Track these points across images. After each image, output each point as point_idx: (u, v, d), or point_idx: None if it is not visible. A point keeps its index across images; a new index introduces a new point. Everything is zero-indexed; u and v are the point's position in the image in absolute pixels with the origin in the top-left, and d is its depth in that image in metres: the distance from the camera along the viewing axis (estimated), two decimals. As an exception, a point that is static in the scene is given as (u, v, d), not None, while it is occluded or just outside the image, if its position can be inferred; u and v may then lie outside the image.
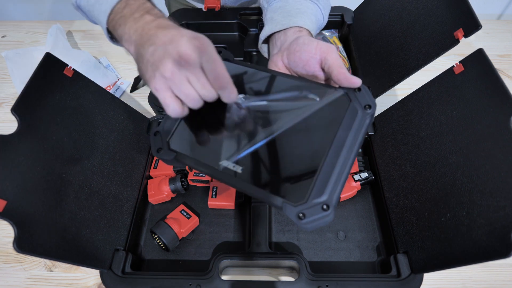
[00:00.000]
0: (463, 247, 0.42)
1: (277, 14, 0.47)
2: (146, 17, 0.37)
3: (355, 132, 0.34)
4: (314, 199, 0.31)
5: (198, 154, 0.38)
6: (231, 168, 0.36)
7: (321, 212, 0.31)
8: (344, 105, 0.36)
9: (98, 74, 0.78)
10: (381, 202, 0.57)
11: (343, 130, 0.34)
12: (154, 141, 0.40)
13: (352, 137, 0.34)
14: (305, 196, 0.32)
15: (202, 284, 0.47)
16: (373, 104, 0.36)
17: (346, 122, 0.35)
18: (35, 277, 0.54)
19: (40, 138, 0.44)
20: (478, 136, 0.44)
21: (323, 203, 0.31)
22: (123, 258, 0.50)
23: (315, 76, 0.40)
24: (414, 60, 0.57)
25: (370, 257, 0.54)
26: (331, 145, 0.34)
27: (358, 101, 0.36)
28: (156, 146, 0.40)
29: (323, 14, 0.49)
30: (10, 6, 1.66)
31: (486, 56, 0.45)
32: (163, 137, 0.40)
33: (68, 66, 0.51)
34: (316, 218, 0.31)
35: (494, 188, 0.40)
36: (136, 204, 0.56)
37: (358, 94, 0.37)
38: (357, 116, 0.35)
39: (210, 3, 0.80)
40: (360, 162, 0.65)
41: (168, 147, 0.39)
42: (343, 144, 0.34)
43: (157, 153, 0.39)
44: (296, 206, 0.31)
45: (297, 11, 0.46)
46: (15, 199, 0.39)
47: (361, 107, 0.36)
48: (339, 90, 0.38)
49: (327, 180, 0.32)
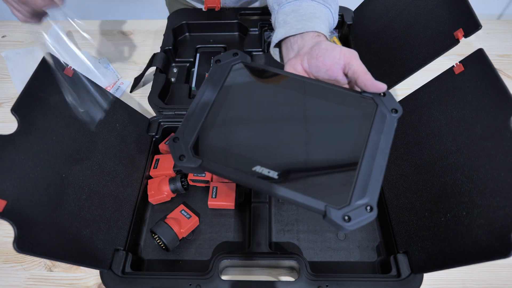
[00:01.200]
0: (463, 247, 0.42)
1: (290, 17, 0.46)
2: None
3: (386, 135, 0.36)
4: (357, 201, 0.32)
5: (226, 160, 0.36)
6: (266, 174, 0.34)
7: (366, 214, 0.31)
8: (371, 109, 0.37)
9: (98, 74, 0.78)
10: (381, 202, 0.57)
11: (375, 134, 0.35)
12: (174, 148, 0.36)
13: (383, 140, 0.35)
14: (347, 198, 0.32)
15: (202, 284, 0.47)
16: (399, 108, 0.37)
17: (376, 125, 0.36)
18: (35, 277, 0.54)
19: (40, 138, 0.44)
20: (478, 136, 0.44)
21: (367, 205, 0.32)
22: (123, 258, 0.50)
23: (337, 81, 0.41)
24: (414, 60, 0.57)
25: (370, 257, 0.54)
26: (365, 148, 0.35)
27: (384, 105, 0.37)
28: (177, 154, 0.36)
29: (334, 18, 0.49)
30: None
31: (486, 56, 0.45)
32: (185, 142, 0.36)
33: (68, 66, 0.51)
34: (361, 219, 0.31)
35: (494, 188, 0.40)
36: (136, 204, 0.56)
37: (383, 99, 0.38)
38: (386, 120, 0.36)
39: (210, 3, 0.80)
40: (360, 162, 0.64)
41: (192, 153, 0.36)
42: (377, 147, 0.35)
43: (179, 160, 0.35)
44: (340, 209, 0.31)
45: (312, 15, 0.46)
46: (15, 199, 0.39)
47: (388, 111, 0.37)
48: (365, 95, 0.38)
49: (367, 182, 0.33)
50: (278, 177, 0.34)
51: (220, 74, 0.41)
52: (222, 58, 0.42)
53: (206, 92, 0.39)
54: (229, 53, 0.42)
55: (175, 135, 0.37)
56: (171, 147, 0.36)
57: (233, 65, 0.41)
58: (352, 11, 0.78)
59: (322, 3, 0.48)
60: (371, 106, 0.38)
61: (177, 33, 0.80)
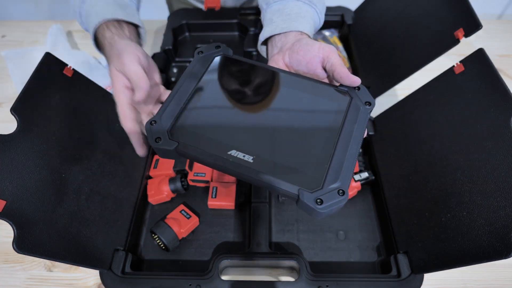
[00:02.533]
0: (463, 247, 0.42)
1: (276, 16, 0.48)
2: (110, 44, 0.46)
3: (359, 125, 0.37)
4: (329, 185, 0.33)
5: (202, 145, 0.36)
6: (241, 158, 0.35)
7: (338, 197, 0.32)
8: (346, 101, 0.39)
9: (98, 74, 0.78)
10: (381, 202, 0.57)
11: (349, 123, 0.37)
12: (151, 130, 0.37)
13: (357, 130, 0.37)
14: (320, 182, 0.33)
15: (202, 284, 0.47)
16: (372, 101, 0.39)
17: (350, 116, 0.38)
18: (35, 277, 0.54)
19: (40, 138, 0.44)
20: (478, 136, 0.44)
21: (339, 188, 0.33)
22: (123, 258, 0.50)
23: (316, 74, 0.43)
24: (414, 60, 0.57)
25: (370, 257, 0.54)
26: (339, 136, 0.36)
27: (359, 98, 0.39)
28: (154, 136, 0.36)
29: (320, 18, 0.51)
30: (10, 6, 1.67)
31: (486, 56, 0.45)
32: (162, 126, 0.37)
33: (68, 66, 0.50)
34: (332, 203, 0.32)
35: (494, 188, 0.40)
36: (136, 204, 0.56)
37: (358, 93, 0.40)
38: (360, 111, 0.38)
39: (210, 3, 0.80)
40: (360, 162, 0.64)
41: (168, 136, 0.36)
42: (351, 136, 0.36)
43: (155, 143, 0.36)
44: (313, 192, 0.32)
45: (297, 15, 0.48)
46: (15, 199, 0.39)
47: (362, 103, 0.39)
48: (341, 89, 0.41)
49: (340, 167, 0.34)
50: (253, 161, 0.34)
51: (201, 64, 0.42)
52: (204, 49, 0.43)
53: (187, 81, 0.41)
54: (212, 45, 0.43)
55: (152, 118, 0.37)
56: (148, 129, 0.37)
57: (215, 57, 0.43)
58: (352, 11, 0.78)
59: (308, 3, 0.49)
60: (346, 98, 0.40)
61: (177, 33, 0.80)
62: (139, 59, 0.41)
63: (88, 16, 0.49)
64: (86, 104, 0.53)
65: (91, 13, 0.49)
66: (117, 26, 0.48)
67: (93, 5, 0.49)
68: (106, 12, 0.48)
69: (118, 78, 0.41)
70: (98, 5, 0.49)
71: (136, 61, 0.41)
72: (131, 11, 0.51)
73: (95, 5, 0.49)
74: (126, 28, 0.49)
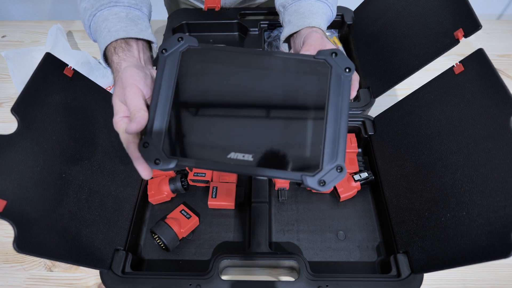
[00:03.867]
0: (463, 247, 0.42)
1: (293, 17, 0.53)
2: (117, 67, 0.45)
3: (343, 96, 0.37)
4: (327, 164, 0.35)
5: (200, 154, 0.36)
6: (241, 159, 0.36)
7: (337, 174, 0.35)
8: (326, 71, 0.38)
9: (98, 75, 0.78)
10: (381, 202, 0.57)
11: (334, 97, 0.37)
12: (146, 153, 0.36)
13: (342, 102, 0.37)
14: (319, 164, 0.35)
15: (202, 284, 0.47)
16: (352, 66, 0.38)
17: (333, 88, 0.38)
18: (35, 277, 0.54)
19: (40, 138, 0.44)
20: (478, 136, 0.44)
21: (337, 166, 0.35)
22: (123, 258, 0.50)
23: None
24: (414, 60, 0.57)
25: (370, 257, 0.54)
26: (327, 114, 0.37)
27: (338, 65, 0.38)
28: (152, 158, 0.36)
29: (332, 10, 0.56)
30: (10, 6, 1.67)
31: (486, 56, 0.45)
32: (155, 145, 0.36)
33: (68, 66, 0.50)
34: (333, 180, 0.35)
35: (494, 188, 0.40)
36: (136, 204, 0.56)
37: (336, 59, 0.38)
38: (342, 81, 0.38)
39: (210, 3, 0.80)
40: (360, 162, 0.65)
41: (166, 155, 0.36)
42: (337, 110, 0.37)
43: (155, 165, 0.36)
44: (315, 175, 0.35)
45: (309, 12, 0.52)
46: (15, 199, 0.39)
47: (342, 70, 0.38)
48: (318, 58, 0.39)
49: (334, 145, 0.36)
50: (253, 159, 0.36)
51: (170, 64, 0.39)
52: (167, 46, 0.40)
53: (162, 87, 0.38)
54: (173, 38, 0.40)
55: (143, 139, 0.37)
56: (143, 153, 0.36)
57: (181, 51, 0.40)
58: (352, 11, 0.78)
59: (319, 0, 0.53)
60: (326, 68, 0.38)
61: (177, 33, 0.80)
62: (141, 92, 0.41)
63: (98, 30, 0.47)
64: (86, 104, 0.53)
65: (102, 28, 0.47)
66: (125, 48, 0.46)
67: (104, 19, 0.47)
68: (118, 28, 0.46)
69: (120, 108, 0.42)
70: (109, 20, 0.47)
71: (139, 94, 0.41)
72: (143, 25, 0.49)
73: (106, 19, 0.47)
74: (135, 45, 0.47)
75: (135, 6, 0.49)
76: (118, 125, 0.41)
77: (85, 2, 0.48)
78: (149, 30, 0.49)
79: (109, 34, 0.46)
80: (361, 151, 0.66)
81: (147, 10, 0.52)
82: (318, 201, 0.60)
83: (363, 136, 0.64)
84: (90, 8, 0.48)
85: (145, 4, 0.51)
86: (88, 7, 0.48)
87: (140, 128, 0.38)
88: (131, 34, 0.46)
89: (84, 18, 0.49)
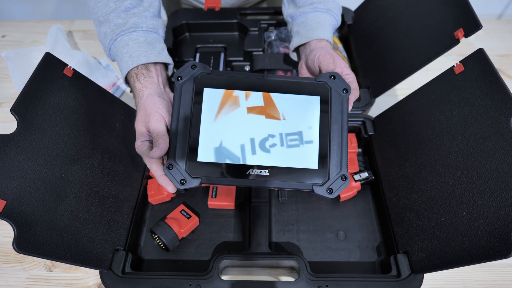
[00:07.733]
0: (463, 247, 0.42)
1: (301, 28, 0.56)
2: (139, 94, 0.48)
3: (343, 113, 0.43)
4: (333, 174, 0.42)
5: (222, 172, 0.41)
6: (259, 175, 0.41)
7: (342, 182, 0.42)
8: (327, 92, 0.44)
9: (98, 75, 0.78)
10: (381, 202, 0.57)
11: (335, 113, 0.43)
12: (172, 175, 0.41)
13: (342, 118, 0.43)
14: (326, 174, 0.42)
15: (202, 284, 0.47)
16: (348, 88, 0.44)
17: (334, 107, 0.44)
18: (35, 277, 0.54)
19: (40, 138, 0.44)
20: (478, 136, 0.44)
21: (342, 176, 0.42)
22: (123, 258, 0.50)
23: None
24: (414, 60, 0.57)
25: (370, 257, 0.54)
26: (330, 129, 0.43)
27: (336, 86, 0.44)
28: (177, 179, 0.40)
29: (337, 20, 0.58)
30: (10, 6, 1.67)
31: (486, 56, 0.45)
32: (179, 167, 0.41)
33: (68, 66, 0.50)
34: (339, 187, 0.41)
35: (494, 188, 0.40)
36: (136, 204, 0.56)
37: (334, 82, 0.44)
38: (341, 100, 0.44)
39: (210, 3, 0.80)
40: (360, 162, 0.65)
41: (190, 175, 0.41)
42: (339, 125, 0.43)
43: (181, 185, 0.40)
44: (323, 185, 0.41)
45: (317, 24, 0.55)
46: (15, 199, 0.39)
47: (341, 91, 0.44)
48: (319, 80, 0.45)
49: (338, 156, 0.42)
50: (269, 173, 0.42)
51: (187, 90, 0.43)
52: (182, 74, 0.44)
53: (181, 111, 0.43)
54: (187, 66, 0.44)
55: (167, 162, 0.41)
56: (169, 175, 0.41)
57: (196, 78, 0.44)
58: (352, 11, 0.78)
59: (325, 11, 0.56)
60: (326, 89, 0.44)
61: (177, 33, 0.80)
62: (164, 120, 0.44)
63: (119, 54, 0.49)
64: (86, 104, 0.53)
65: (123, 53, 0.49)
66: (145, 74, 0.48)
67: (124, 44, 0.49)
68: (139, 54, 0.48)
69: (142, 133, 0.45)
70: (130, 45, 0.49)
71: (161, 121, 0.44)
72: (160, 47, 0.51)
73: (126, 44, 0.49)
74: (153, 70, 0.49)
75: (152, 30, 0.52)
76: (140, 148, 0.44)
77: (105, 27, 0.50)
78: (165, 51, 0.52)
79: (131, 59, 0.49)
80: (361, 151, 0.66)
81: (162, 32, 0.54)
82: (318, 201, 0.60)
83: (363, 136, 0.64)
84: (111, 33, 0.50)
85: (160, 26, 0.54)
86: (108, 32, 0.50)
87: (162, 153, 0.41)
88: (151, 59, 0.49)
89: (105, 42, 0.51)
